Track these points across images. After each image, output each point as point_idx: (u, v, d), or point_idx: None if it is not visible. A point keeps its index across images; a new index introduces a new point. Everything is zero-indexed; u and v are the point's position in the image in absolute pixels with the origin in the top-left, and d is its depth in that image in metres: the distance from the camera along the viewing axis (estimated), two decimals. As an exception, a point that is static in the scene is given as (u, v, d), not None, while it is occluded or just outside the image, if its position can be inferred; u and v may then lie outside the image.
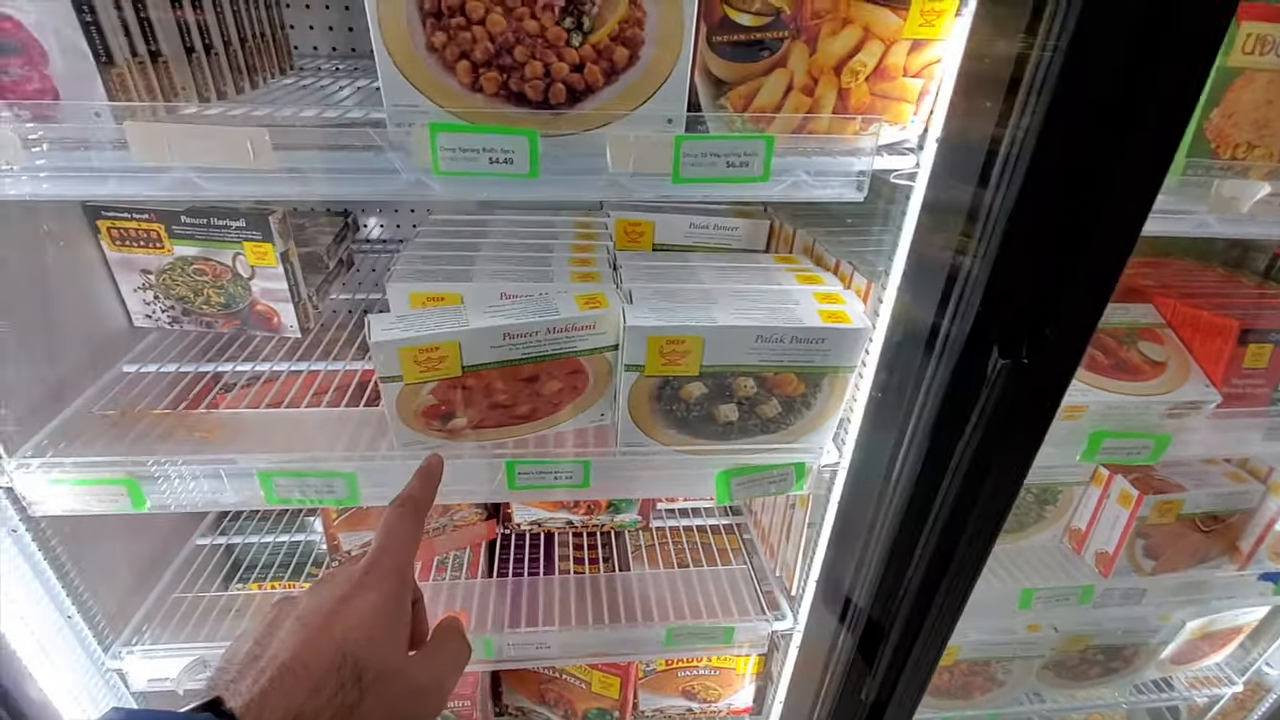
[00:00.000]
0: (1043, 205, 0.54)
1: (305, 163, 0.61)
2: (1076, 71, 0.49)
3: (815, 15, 0.59)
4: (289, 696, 0.38)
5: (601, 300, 0.75)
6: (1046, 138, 0.52)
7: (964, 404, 0.60)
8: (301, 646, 0.40)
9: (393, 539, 0.48)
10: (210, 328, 1.07)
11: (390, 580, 0.46)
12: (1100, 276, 0.56)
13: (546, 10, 0.56)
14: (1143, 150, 0.53)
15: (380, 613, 0.44)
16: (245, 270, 1.01)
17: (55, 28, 0.55)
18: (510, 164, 0.61)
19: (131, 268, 1.01)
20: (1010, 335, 0.55)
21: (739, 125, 0.64)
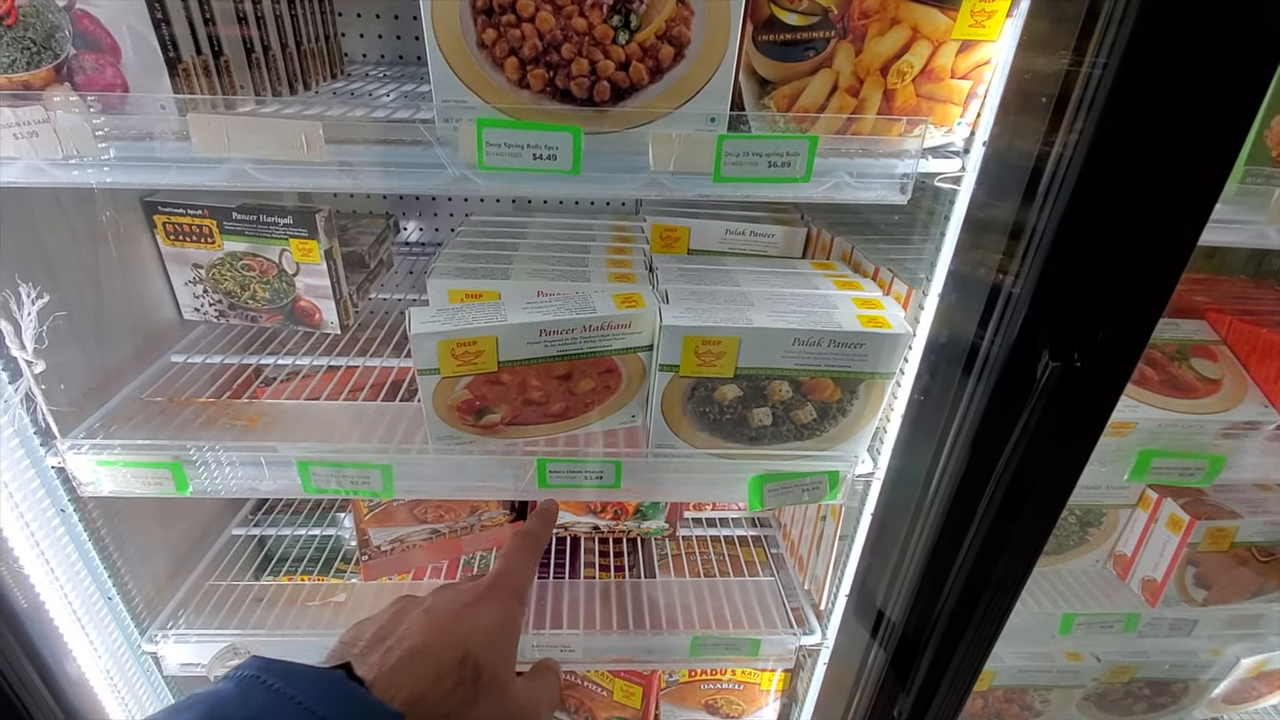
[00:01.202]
0: (1096, 212, 0.52)
1: (355, 156, 0.62)
2: (1133, 74, 0.48)
3: (863, 15, 0.58)
4: (415, 678, 0.39)
5: (638, 300, 0.75)
6: (1100, 144, 0.50)
7: (1009, 412, 0.59)
8: (430, 636, 0.42)
9: (514, 564, 0.51)
10: (255, 322, 1.10)
11: (510, 600, 0.48)
12: (1155, 283, 0.55)
13: (595, 8, 0.56)
14: (1200, 158, 0.51)
15: (500, 625, 0.45)
16: (291, 266, 1.04)
17: (129, 23, 0.57)
18: (554, 160, 0.61)
19: (184, 261, 1.04)
20: (1062, 338, 0.53)
21: (782, 125, 0.63)
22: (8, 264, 0.72)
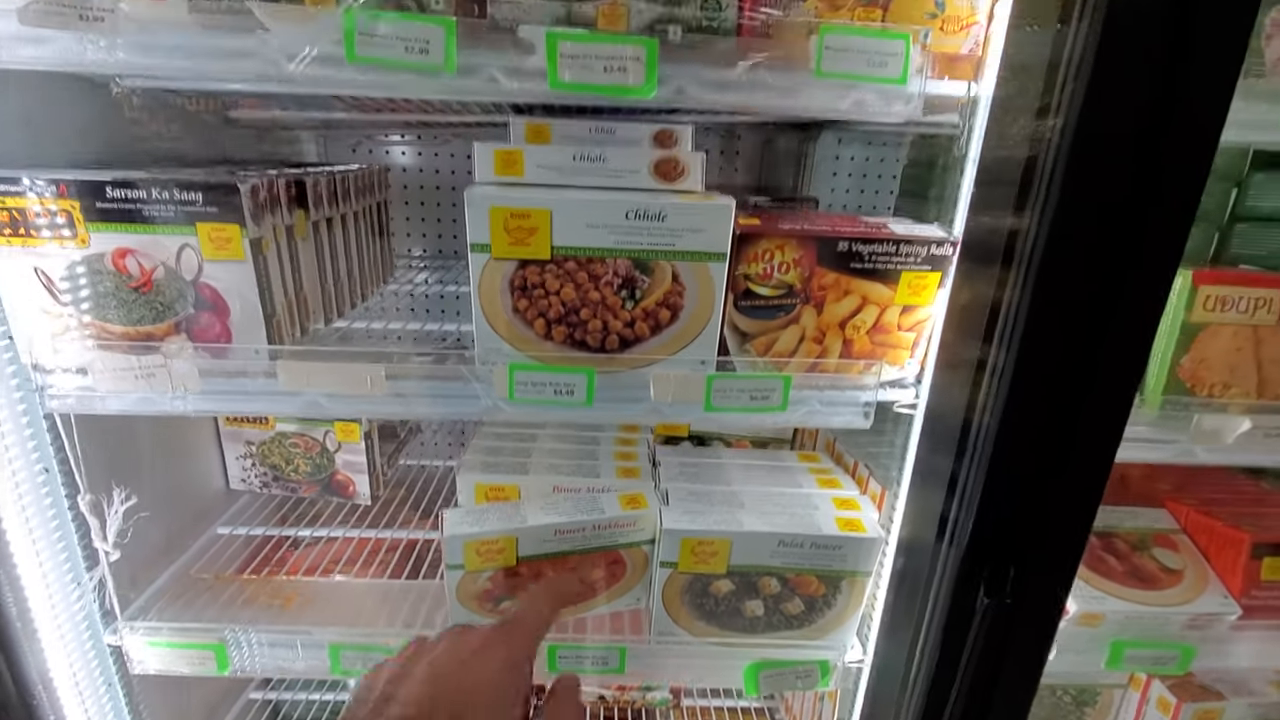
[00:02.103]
0: (1013, 460, 0.63)
1: (409, 390, 0.76)
2: (1037, 339, 0.61)
3: (820, 288, 0.73)
4: None
5: (642, 500, 0.85)
6: (1015, 394, 0.62)
7: (963, 629, 0.66)
8: (430, 689, 0.44)
9: (533, 609, 0.54)
10: (294, 493, 1.21)
11: (522, 644, 0.50)
12: (1073, 530, 0.64)
13: (607, 285, 0.71)
14: (1101, 412, 0.63)
15: (504, 674, 0.47)
16: (333, 445, 1.16)
17: (240, 290, 0.73)
18: (571, 395, 0.74)
19: (238, 439, 1.17)
20: (993, 578, 0.62)
21: (761, 366, 0.77)
22: (104, 468, 0.84)
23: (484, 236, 0.69)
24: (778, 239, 0.70)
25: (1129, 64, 0.51)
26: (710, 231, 0.69)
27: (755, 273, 0.72)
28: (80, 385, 0.74)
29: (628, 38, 0.63)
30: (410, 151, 1.33)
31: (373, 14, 0.61)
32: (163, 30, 0.62)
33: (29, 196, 0.67)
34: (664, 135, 0.91)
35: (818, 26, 0.64)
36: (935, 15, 0.66)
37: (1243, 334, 0.80)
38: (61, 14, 0.60)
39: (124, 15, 0.61)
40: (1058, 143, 0.55)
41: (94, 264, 0.71)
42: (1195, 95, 0.54)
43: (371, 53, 0.62)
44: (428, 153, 1.33)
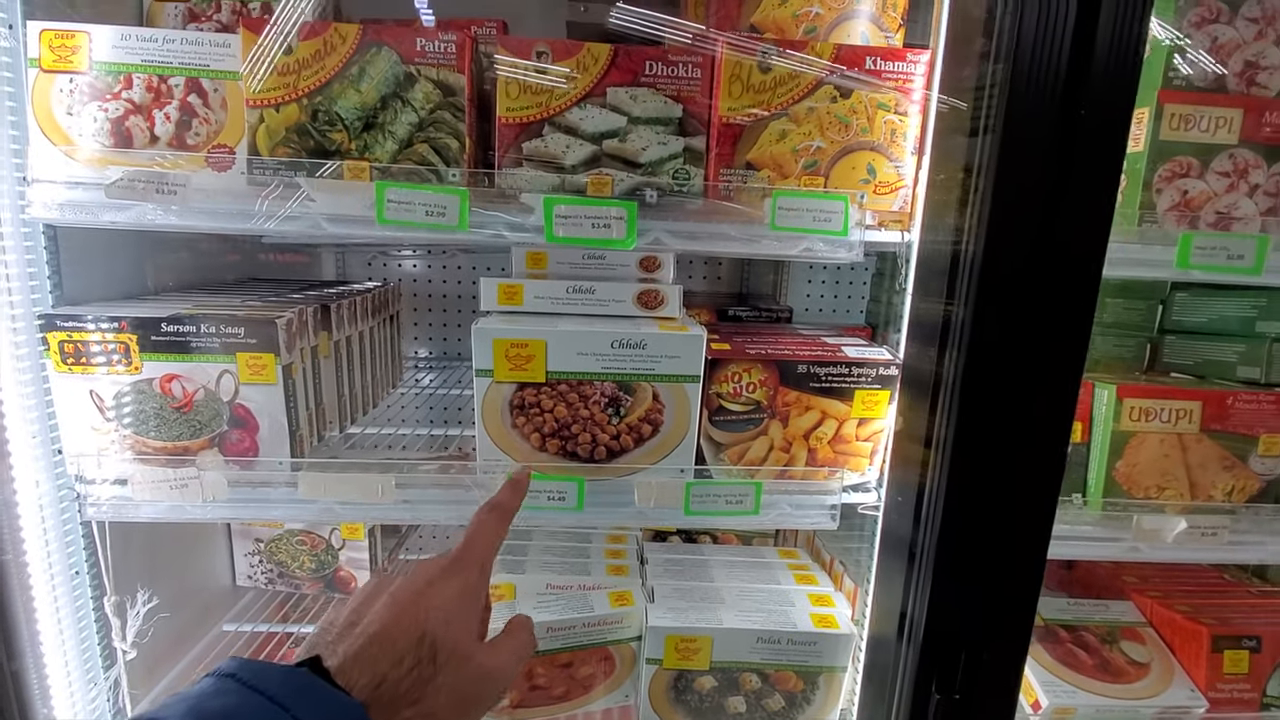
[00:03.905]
0: (958, 551, 0.71)
1: (416, 496, 0.84)
2: (966, 450, 0.69)
3: (784, 404, 0.82)
4: (375, 663, 0.43)
5: (629, 598, 0.91)
6: (952, 501, 0.70)
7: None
8: (390, 621, 0.45)
9: (480, 536, 0.54)
10: (297, 589, 1.26)
11: (473, 571, 0.50)
12: (1017, 609, 0.71)
13: (595, 404, 0.81)
14: (1030, 512, 0.71)
15: (461, 599, 0.48)
16: (338, 542, 1.22)
17: (269, 410, 0.82)
18: (563, 500, 0.82)
19: (248, 536, 1.23)
20: (945, 671, 0.68)
21: (735, 474, 0.85)
22: (127, 570, 0.90)
23: (488, 363, 0.79)
24: (745, 363, 0.81)
25: (1016, 237, 0.63)
26: (685, 357, 0.79)
27: (726, 391, 0.81)
28: (116, 495, 0.82)
29: (611, 201, 0.76)
30: (420, 264, 1.46)
31: (399, 185, 0.74)
32: (225, 198, 0.74)
33: (93, 331, 0.78)
34: (649, 260, 1.03)
35: (771, 191, 0.76)
36: (868, 181, 0.79)
37: (1169, 441, 0.89)
38: (141, 189, 0.72)
39: (193, 188, 0.73)
40: (967, 288, 0.66)
41: (142, 387, 0.80)
42: (1074, 245, 0.65)
43: (398, 216, 0.74)
44: (436, 265, 1.46)
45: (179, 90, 0.76)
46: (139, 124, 0.76)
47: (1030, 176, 0.63)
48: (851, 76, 0.75)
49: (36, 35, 0.73)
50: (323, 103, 0.74)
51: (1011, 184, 0.62)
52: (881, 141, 0.78)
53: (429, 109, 0.75)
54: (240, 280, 1.26)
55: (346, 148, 0.75)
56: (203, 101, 0.76)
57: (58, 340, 0.77)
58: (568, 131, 0.77)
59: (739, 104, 0.76)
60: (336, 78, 0.74)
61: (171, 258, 1.05)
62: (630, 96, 0.76)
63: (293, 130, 0.74)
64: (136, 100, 0.75)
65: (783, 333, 1.00)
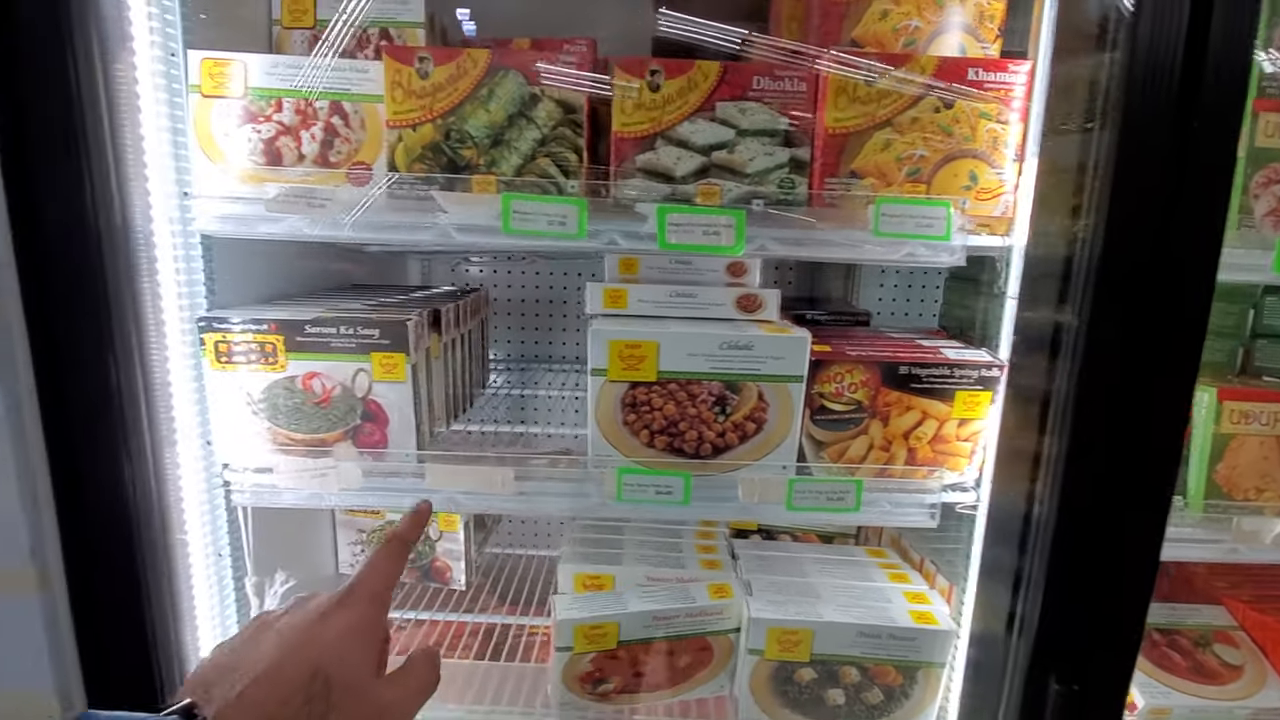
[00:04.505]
0: (1073, 548, 0.72)
1: (532, 489, 0.89)
2: (1079, 450, 0.71)
3: (885, 405, 0.85)
4: (261, 706, 0.40)
5: (728, 591, 0.95)
6: (1066, 501, 0.72)
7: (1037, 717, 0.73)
8: (277, 659, 0.42)
9: (375, 570, 0.51)
10: (395, 578, 1.32)
11: (367, 605, 0.48)
12: (1130, 605, 0.72)
13: (703, 403, 0.85)
14: (1143, 510, 0.72)
15: (356, 633, 0.46)
16: (435, 533, 1.29)
17: (399, 406, 0.88)
18: (670, 495, 0.86)
19: (352, 527, 1.31)
20: (1063, 664, 0.70)
21: (835, 471, 0.88)
22: (271, 556, 0.98)
23: (603, 363, 0.84)
24: (848, 364, 0.84)
25: (1133, 243, 0.65)
26: (789, 358, 0.83)
27: (829, 391, 0.85)
28: (259, 483, 0.89)
29: (721, 210, 0.80)
30: (500, 269, 1.53)
31: (523, 197, 0.79)
32: (366, 212, 0.81)
33: (245, 332, 0.85)
34: (737, 266, 1.07)
35: (874, 198, 0.79)
36: (970, 187, 0.81)
37: (1269, 443, 0.89)
38: (296, 203, 0.79)
39: (339, 202, 0.80)
40: (1082, 293, 0.68)
41: (286, 384, 0.87)
42: (1191, 249, 0.66)
43: (523, 226, 0.79)
44: (516, 270, 1.52)
45: (323, 112, 0.83)
46: (288, 144, 0.83)
47: (1147, 181, 0.64)
48: (956, 89, 0.78)
49: (197, 63, 0.81)
50: (455, 122, 0.80)
51: (1129, 189, 0.64)
52: (983, 149, 0.80)
53: (551, 126, 0.81)
54: (344, 285, 1.34)
55: (475, 163, 0.81)
56: (344, 122, 0.83)
57: (213, 341, 0.85)
58: (679, 144, 0.81)
59: (845, 115, 0.79)
60: (468, 99, 0.80)
61: (294, 266, 1.13)
62: (739, 110, 0.80)
63: (428, 148, 0.81)
64: (286, 122, 0.83)
65: (874, 335, 1.02)
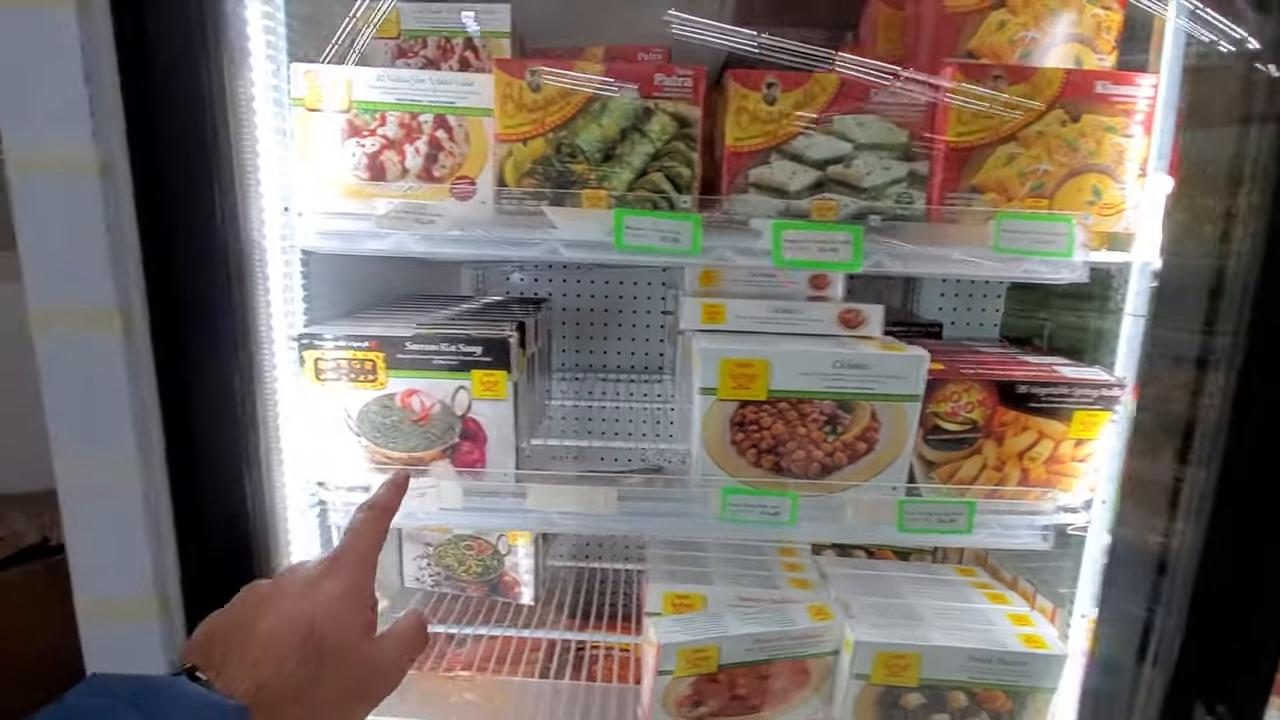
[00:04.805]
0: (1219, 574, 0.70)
1: (634, 509, 0.87)
2: (1231, 479, 0.68)
3: (1001, 424, 0.83)
4: (257, 666, 0.42)
5: (828, 613, 0.93)
6: (1214, 523, 0.69)
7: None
8: (272, 623, 0.45)
9: (359, 537, 0.54)
10: (463, 591, 1.31)
11: (356, 570, 0.51)
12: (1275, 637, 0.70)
13: (813, 422, 0.83)
14: None
15: (345, 596, 0.48)
16: (505, 548, 1.27)
17: (497, 424, 0.87)
18: (776, 515, 0.84)
19: (418, 541, 1.29)
20: (1210, 696, 0.67)
21: (944, 492, 0.86)
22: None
23: (713, 382, 0.82)
24: (964, 382, 0.81)
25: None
26: (906, 377, 0.81)
27: (944, 411, 0.83)
28: (352, 501, 0.88)
29: (839, 225, 0.78)
30: (555, 279, 1.51)
31: (637, 213, 0.78)
32: (475, 227, 0.79)
33: (345, 349, 0.84)
34: (819, 279, 1.05)
35: (995, 214, 0.77)
36: (1093, 202, 0.79)
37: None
38: (405, 219, 0.78)
39: (449, 218, 0.78)
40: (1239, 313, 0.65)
41: (385, 401, 0.86)
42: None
43: (636, 242, 0.77)
44: (571, 279, 1.51)
45: (428, 126, 0.82)
46: (392, 158, 0.82)
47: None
48: (1082, 103, 0.76)
49: (301, 76, 0.80)
50: (566, 136, 0.79)
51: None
52: (1108, 163, 0.78)
53: (665, 140, 0.79)
54: (407, 296, 1.33)
55: (586, 177, 0.80)
56: (449, 136, 0.82)
57: (313, 358, 0.84)
58: (793, 158, 0.80)
59: (969, 129, 0.77)
60: (580, 113, 0.78)
61: (364, 278, 1.12)
62: (857, 124, 0.79)
63: (538, 162, 0.79)
64: (390, 136, 0.81)
65: (969, 350, 1.00)
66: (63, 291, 0.56)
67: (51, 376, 0.59)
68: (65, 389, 0.59)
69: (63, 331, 0.57)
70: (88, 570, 0.63)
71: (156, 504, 0.65)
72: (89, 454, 0.60)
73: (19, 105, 0.53)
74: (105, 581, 0.64)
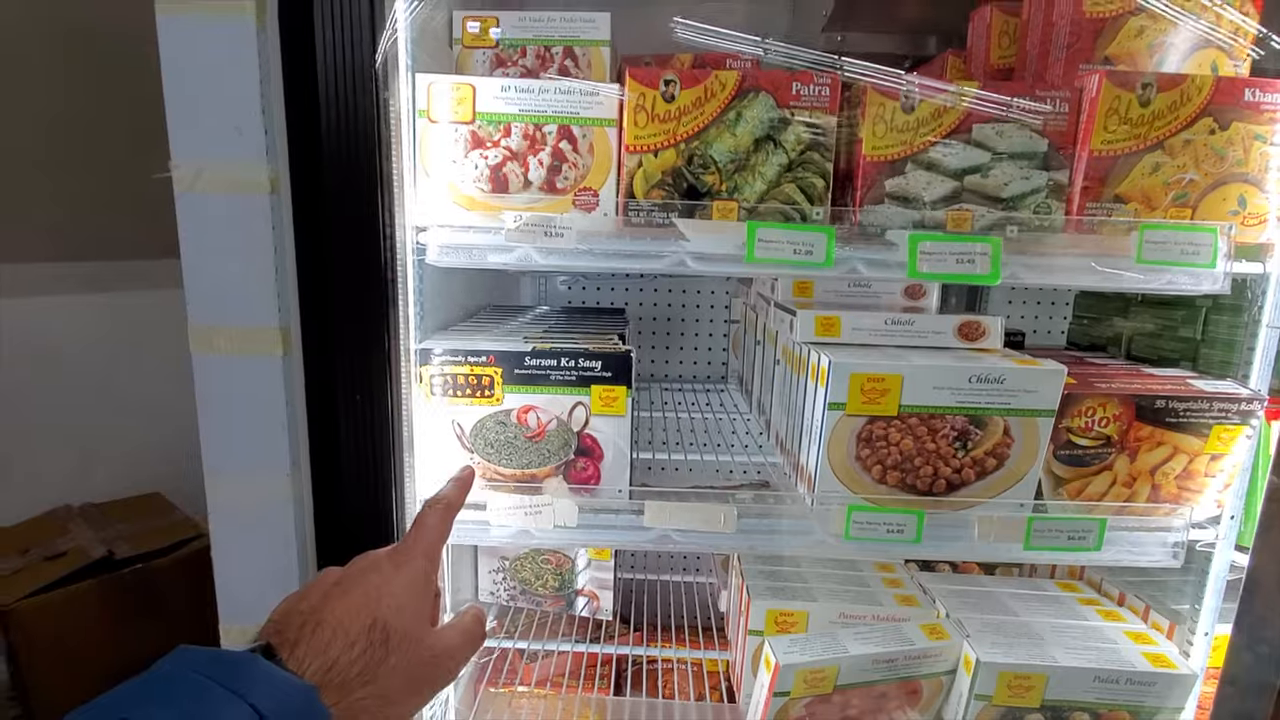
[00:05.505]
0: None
1: (751, 527, 0.85)
2: None
3: (1137, 440, 0.81)
4: (327, 649, 0.45)
5: (943, 632, 0.91)
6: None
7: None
8: (342, 608, 0.48)
9: (424, 530, 0.56)
10: (538, 606, 1.29)
11: (421, 561, 0.54)
12: None
13: (944, 438, 0.81)
14: None
15: (409, 588, 0.51)
16: (583, 561, 1.25)
17: (614, 440, 0.85)
18: (902, 533, 0.83)
19: (494, 555, 1.28)
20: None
21: (1071, 509, 0.84)
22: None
23: (842, 396, 0.80)
24: (1100, 397, 0.80)
25: None
26: (1043, 392, 0.79)
27: (1078, 426, 0.81)
28: (468, 519, 0.86)
29: (976, 237, 0.76)
30: (618, 287, 1.49)
31: (770, 225, 0.76)
32: (600, 240, 0.78)
33: (463, 364, 0.82)
34: (915, 289, 1.03)
35: (1138, 225, 0.75)
36: (1238, 212, 0.77)
37: None
38: (533, 232, 0.76)
39: (576, 231, 0.77)
40: None
41: (501, 418, 0.84)
42: None
43: (768, 255, 0.76)
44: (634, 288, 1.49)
45: (552, 137, 0.80)
46: (515, 169, 0.80)
47: None
48: (1229, 109, 0.74)
49: (425, 88, 0.78)
50: (699, 147, 0.77)
51: None
52: (1255, 173, 0.76)
53: (799, 150, 0.77)
54: (486, 306, 1.31)
55: (718, 189, 0.78)
56: (572, 147, 0.80)
57: (429, 373, 0.82)
58: (929, 168, 0.78)
59: (1114, 137, 0.75)
60: (714, 123, 0.76)
61: (453, 290, 1.10)
62: (996, 132, 0.77)
63: (669, 173, 0.77)
64: (514, 147, 0.79)
65: (1092, 363, 0.98)
66: (227, 310, 0.55)
67: (208, 395, 0.57)
68: (223, 408, 0.57)
69: (225, 350, 0.55)
70: (234, 593, 0.61)
71: (304, 527, 0.63)
72: (243, 475, 0.58)
73: (191, 120, 0.51)
74: (252, 605, 0.62)
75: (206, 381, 0.56)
